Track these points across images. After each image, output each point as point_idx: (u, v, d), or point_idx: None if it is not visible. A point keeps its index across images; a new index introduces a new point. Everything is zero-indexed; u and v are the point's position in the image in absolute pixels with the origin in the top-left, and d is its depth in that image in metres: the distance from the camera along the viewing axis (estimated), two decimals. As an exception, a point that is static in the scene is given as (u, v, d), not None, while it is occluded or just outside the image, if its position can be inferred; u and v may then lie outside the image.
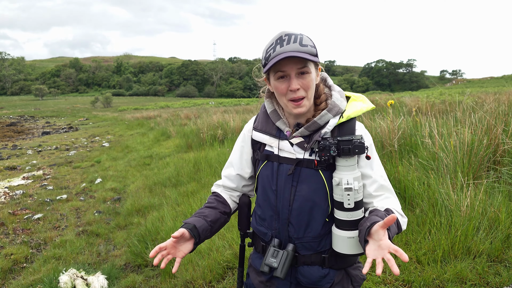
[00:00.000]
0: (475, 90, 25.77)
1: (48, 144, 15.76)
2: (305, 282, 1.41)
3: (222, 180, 1.62)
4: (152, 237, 4.11)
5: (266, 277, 1.49)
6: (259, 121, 1.50)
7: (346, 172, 1.27)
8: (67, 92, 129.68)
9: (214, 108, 28.99)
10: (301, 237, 1.38)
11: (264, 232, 1.47)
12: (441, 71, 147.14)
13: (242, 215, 1.59)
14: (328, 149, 1.27)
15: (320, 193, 1.34)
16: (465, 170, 3.72)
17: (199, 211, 1.51)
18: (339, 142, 1.27)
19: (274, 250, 1.36)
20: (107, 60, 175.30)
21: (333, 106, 1.36)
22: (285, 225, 1.39)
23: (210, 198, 1.58)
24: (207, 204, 1.54)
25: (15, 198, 6.69)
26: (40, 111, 50.58)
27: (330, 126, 1.33)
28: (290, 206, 1.38)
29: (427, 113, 5.85)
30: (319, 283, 1.40)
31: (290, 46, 1.28)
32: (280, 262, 1.34)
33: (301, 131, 1.37)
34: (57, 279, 3.35)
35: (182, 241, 1.37)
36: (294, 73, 1.30)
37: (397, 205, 1.35)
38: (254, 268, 1.56)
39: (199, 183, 5.89)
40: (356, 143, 1.25)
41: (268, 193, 1.43)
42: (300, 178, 1.36)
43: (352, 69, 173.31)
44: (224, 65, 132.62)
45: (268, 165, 1.43)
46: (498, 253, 2.76)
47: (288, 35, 1.30)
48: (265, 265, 1.36)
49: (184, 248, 1.37)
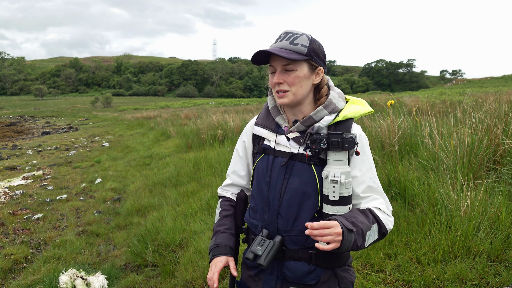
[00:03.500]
0: (475, 90, 25.76)
1: (48, 144, 15.76)
2: (290, 277, 1.42)
3: (230, 180, 1.66)
4: (152, 237, 4.11)
5: (254, 271, 1.52)
6: (260, 117, 1.56)
7: (335, 166, 1.33)
8: (67, 92, 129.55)
9: (214, 108, 29.01)
10: (289, 230, 1.41)
11: (255, 224, 1.50)
12: (441, 71, 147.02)
13: (237, 210, 1.62)
14: (319, 142, 1.33)
15: (310, 187, 1.38)
16: (465, 170, 3.72)
17: (222, 223, 1.59)
18: (330, 135, 1.33)
19: (261, 239, 1.39)
20: (107, 60, 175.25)
21: (329, 103, 1.42)
22: (274, 216, 1.43)
23: (225, 205, 1.63)
24: (224, 213, 1.61)
25: (15, 198, 6.69)
26: (40, 111, 50.57)
27: (325, 121, 1.39)
28: (280, 198, 1.42)
29: (427, 113, 5.85)
30: (304, 279, 1.41)
31: (280, 43, 1.37)
32: (265, 251, 1.35)
33: (297, 126, 1.43)
34: (57, 279, 3.35)
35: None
36: (280, 69, 1.38)
37: (383, 206, 1.40)
38: (245, 263, 1.59)
39: (199, 183, 5.88)
40: (346, 138, 1.31)
41: (262, 185, 1.47)
42: (292, 171, 1.41)
43: (352, 69, 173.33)
44: (224, 65, 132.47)
45: (264, 158, 1.48)
46: (498, 253, 2.76)
47: (286, 33, 1.39)
48: (250, 252, 1.38)
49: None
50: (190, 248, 3.61)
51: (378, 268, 2.83)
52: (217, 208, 1.67)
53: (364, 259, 2.94)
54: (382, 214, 1.38)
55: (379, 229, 1.35)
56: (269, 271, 1.47)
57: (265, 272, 1.48)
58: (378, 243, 3.05)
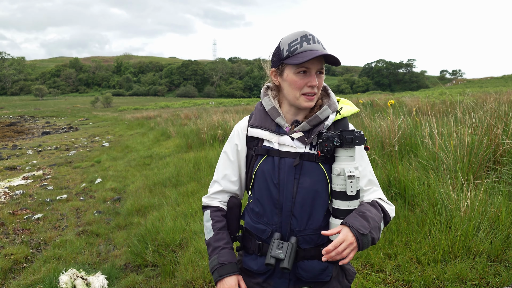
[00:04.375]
0: (475, 90, 25.77)
1: (48, 144, 15.77)
2: (306, 276, 1.42)
3: (220, 187, 1.56)
4: (152, 237, 4.11)
5: (262, 278, 1.48)
6: (255, 118, 1.51)
7: (347, 162, 1.36)
8: (67, 92, 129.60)
9: (214, 108, 28.99)
10: (303, 230, 1.41)
11: (262, 229, 1.46)
12: (441, 71, 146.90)
13: (232, 217, 1.55)
14: (332, 140, 1.35)
15: (321, 185, 1.41)
16: (465, 170, 3.72)
17: (219, 237, 1.50)
18: (342, 132, 1.36)
19: (278, 243, 1.37)
20: (107, 60, 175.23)
21: (332, 103, 1.47)
22: (288, 218, 1.42)
23: (216, 216, 1.54)
24: (218, 225, 1.52)
25: (15, 198, 6.69)
26: (40, 111, 50.59)
27: (330, 120, 1.43)
28: (293, 199, 1.41)
29: (427, 113, 5.85)
30: (320, 277, 1.42)
31: (318, 46, 1.37)
32: (287, 253, 1.35)
33: (302, 125, 1.43)
34: (57, 279, 3.35)
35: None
36: (314, 71, 1.39)
37: (383, 196, 1.49)
38: (247, 270, 1.52)
39: (199, 183, 5.89)
40: (357, 134, 1.36)
41: (270, 187, 1.43)
42: (302, 171, 1.41)
43: (352, 69, 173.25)
44: (224, 65, 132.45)
45: (269, 160, 1.44)
46: (498, 253, 2.76)
47: (311, 35, 1.39)
48: (271, 257, 1.35)
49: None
50: (190, 248, 3.61)
51: (378, 268, 2.83)
52: (205, 220, 1.55)
53: (364, 259, 2.94)
54: (385, 204, 1.45)
55: (385, 218, 1.42)
56: (278, 275, 1.44)
57: (274, 276, 1.45)
58: (378, 243, 3.05)
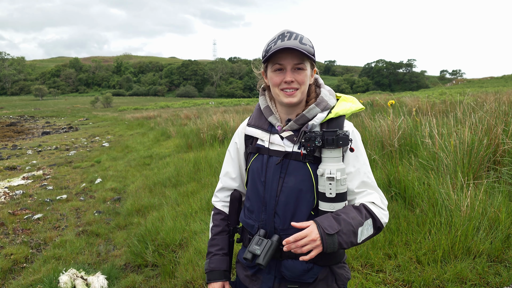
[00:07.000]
0: (475, 90, 25.76)
1: (48, 144, 15.76)
2: (288, 276, 1.43)
3: (221, 184, 1.66)
4: (152, 237, 4.11)
5: (251, 271, 1.52)
6: (253, 118, 1.57)
7: (330, 163, 1.33)
8: (67, 92, 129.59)
9: (214, 108, 28.97)
10: (286, 229, 1.42)
11: (251, 224, 1.50)
12: (441, 71, 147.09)
13: (232, 210, 1.62)
14: (314, 140, 1.33)
15: (306, 185, 1.39)
16: (465, 170, 3.72)
17: (214, 243, 1.62)
18: (324, 133, 1.34)
19: (259, 239, 1.39)
20: (107, 60, 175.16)
21: (321, 101, 1.44)
22: (271, 216, 1.43)
23: (216, 220, 1.65)
24: (216, 229, 1.64)
25: (15, 198, 6.69)
26: (40, 111, 50.58)
27: (318, 119, 1.40)
28: (277, 197, 1.42)
29: (427, 113, 5.85)
30: (302, 277, 1.42)
31: (291, 41, 1.35)
32: (263, 250, 1.36)
33: (290, 124, 1.43)
34: (57, 279, 3.35)
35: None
36: (290, 67, 1.37)
37: (377, 200, 1.41)
38: (241, 263, 1.58)
39: (199, 183, 5.88)
40: (341, 135, 1.32)
41: (257, 185, 1.47)
42: (288, 170, 1.42)
43: (352, 69, 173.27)
44: (224, 65, 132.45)
45: (259, 158, 1.48)
46: (498, 253, 2.76)
47: (290, 32, 1.38)
48: (248, 252, 1.38)
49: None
50: (190, 248, 3.61)
51: (378, 268, 2.83)
52: (210, 221, 1.69)
53: (364, 259, 2.94)
54: (376, 209, 1.39)
55: (374, 224, 1.37)
56: (266, 270, 1.47)
57: (263, 271, 1.48)
58: (378, 243, 3.05)
